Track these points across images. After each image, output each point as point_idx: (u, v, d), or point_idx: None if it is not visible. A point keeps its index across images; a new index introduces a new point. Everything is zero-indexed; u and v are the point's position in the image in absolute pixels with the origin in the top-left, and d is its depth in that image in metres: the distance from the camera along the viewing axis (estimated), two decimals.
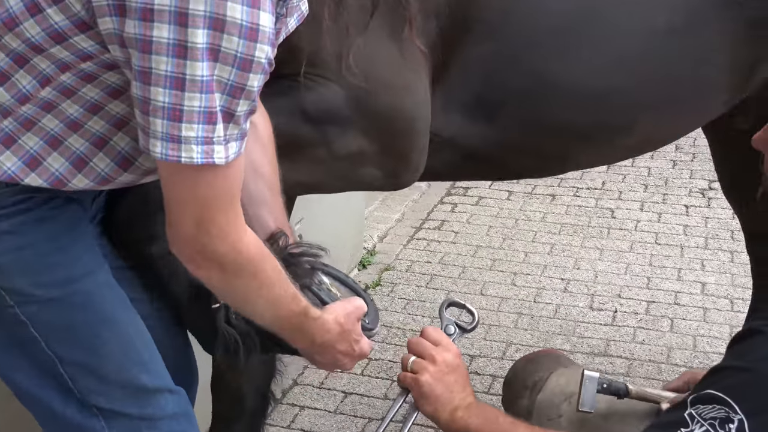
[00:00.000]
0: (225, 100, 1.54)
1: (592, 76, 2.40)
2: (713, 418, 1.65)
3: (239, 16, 1.49)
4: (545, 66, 2.37)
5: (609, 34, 2.41)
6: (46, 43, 1.62)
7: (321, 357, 1.92)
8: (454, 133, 2.39)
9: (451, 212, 4.96)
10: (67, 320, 1.81)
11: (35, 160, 1.73)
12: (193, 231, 1.64)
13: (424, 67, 2.25)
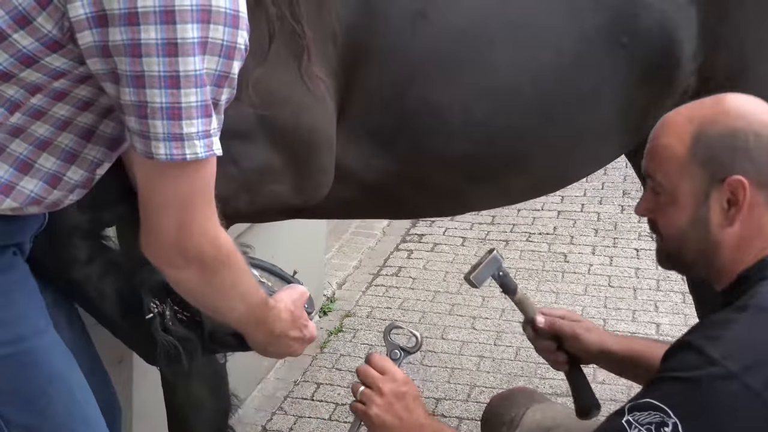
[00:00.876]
0: (212, 91, 1.54)
1: (479, 107, 2.39)
2: (650, 423, 1.70)
3: (223, 4, 1.49)
4: (435, 94, 2.37)
5: (494, 67, 2.42)
6: (15, 69, 1.59)
7: (274, 347, 1.91)
8: (357, 165, 2.40)
9: (408, 259, 4.98)
10: (15, 380, 1.76)
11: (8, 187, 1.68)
12: (175, 234, 1.63)
13: (326, 90, 2.26)
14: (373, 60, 2.31)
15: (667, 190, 1.87)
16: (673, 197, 1.86)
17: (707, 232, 1.84)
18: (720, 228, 1.82)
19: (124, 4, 1.45)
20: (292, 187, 2.31)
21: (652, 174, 1.90)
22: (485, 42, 2.41)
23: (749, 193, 1.77)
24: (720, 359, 1.66)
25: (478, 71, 2.41)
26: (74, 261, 1.92)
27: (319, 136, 2.29)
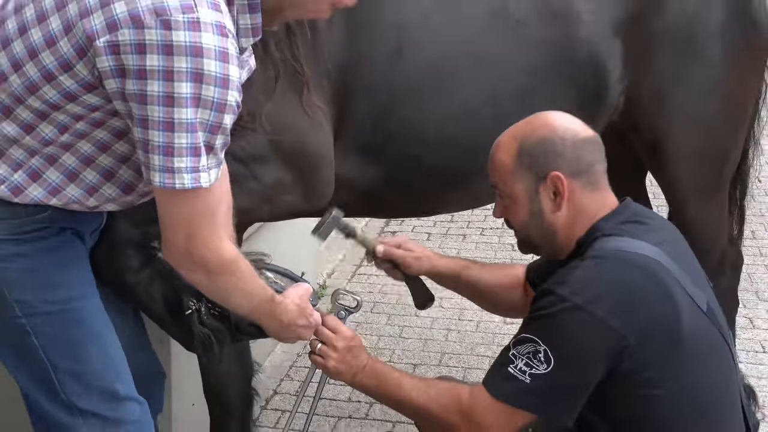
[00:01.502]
0: (206, 136, 1.58)
1: (448, 127, 2.39)
2: (527, 352, 1.80)
3: (214, 69, 1.53)
4: (412, 117, 2.36)
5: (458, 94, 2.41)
6: (62, 102, 1.64)
7: (286, 333, 1.93)
8: (352, 174, 2.40)
9: None
10: (62, 333, 1.81)
11: (56, 189, 1.75)
12: (184, 244, 1.67)
13: (324, 117, 2.27)
14: (360, 91, 2.31)
15: (507, 193, 2.00)
16: (513, 198, 1.99)
17: (543, 219, 1.96)
18: (552, 214, 1.95)
19: (136, 62, 1.53)
20: (301, 197, 2.32)
21: (495, 184, 2.03)
22: (451, 74, 2.40)
23: (567, 183, 1.90)
24: (568, 296, 1.79)
25: (446, 98, 2.39)
26: (128, 268, 1.95)
27: (320, 154, 2.30)
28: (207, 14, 1.53)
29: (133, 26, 1.51)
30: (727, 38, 2.65)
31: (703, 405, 1.85)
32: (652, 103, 2.63)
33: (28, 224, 1.76)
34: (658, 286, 1.80)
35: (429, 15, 2.37)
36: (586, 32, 2.49)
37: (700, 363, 1.83)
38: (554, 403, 1.82)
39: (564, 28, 2.47)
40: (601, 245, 1.87)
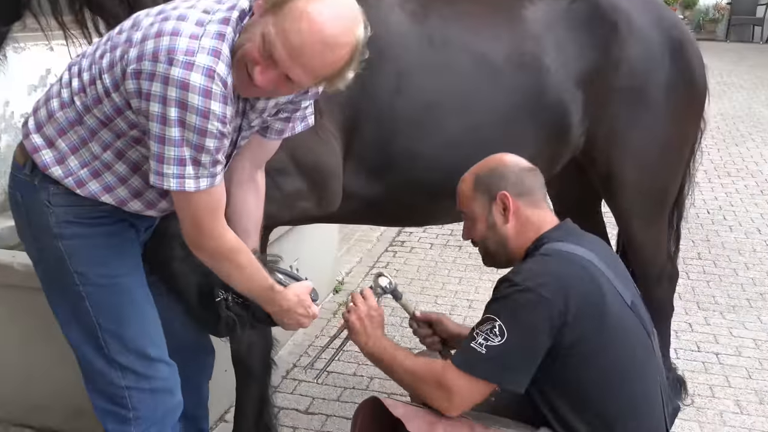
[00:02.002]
0: (191, 153, 1.61)
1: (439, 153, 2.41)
2: (486, 328, 1.86)
3: (196, 103, 1.57)
4: (410, 144, 2.39)
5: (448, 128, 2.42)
6: (114, 115, 1.71)
7: (288, 319, 1.94)
8: (359, 189, 2.42)
9: (393, 257, 4.96)
10: (109, 301, 1.85)
11: (110, 188, 1.80)
12: (192, 231, 1.74)
13: (334, 140, 2.30)
14: (366, 122, 2.34)
15: (469, 215, 2.11)
16: (473, 218, 2.10)
17: (496, 230, 2.05)
18: (503, 225, 2.04)
19: (147, 87, 1.61)
20: (315, 204, 2.35)
21: (461, 210, 2.15)
22: (441, 111, 2.42)
23: (512, 200, 2.03)
24: (521, 282, 1.87)
25: (437, 130, 2.41)
26: (173, 258, 1.98)
27: (330, 170, 2.33)
28: (203, 59, 1.57)
29: (152, 59, 1.59)
30: (671, 93, 2.68)
31: (624, 378, 1.92)
32: (607, 144, 2.66)
33: (92, 212, 1.81)
34: (589, 277, 1.89)
35: (424, 63, 2.39)
36: (553, 82, 2.51)
37: (621, 343, 1.91)
38: (508, 370, 1.85)
39: (535, 77, 2.50)
40: (547, 247, 1.97)
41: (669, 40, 2.68)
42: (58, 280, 1.86)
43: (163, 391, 1.92)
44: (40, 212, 1.81)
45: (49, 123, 1.78)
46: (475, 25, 2.50)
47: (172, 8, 1.69)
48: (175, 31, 1.60)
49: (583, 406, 1.91)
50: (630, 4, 2.64)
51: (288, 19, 1.56)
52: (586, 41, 2.56)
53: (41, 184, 1.80)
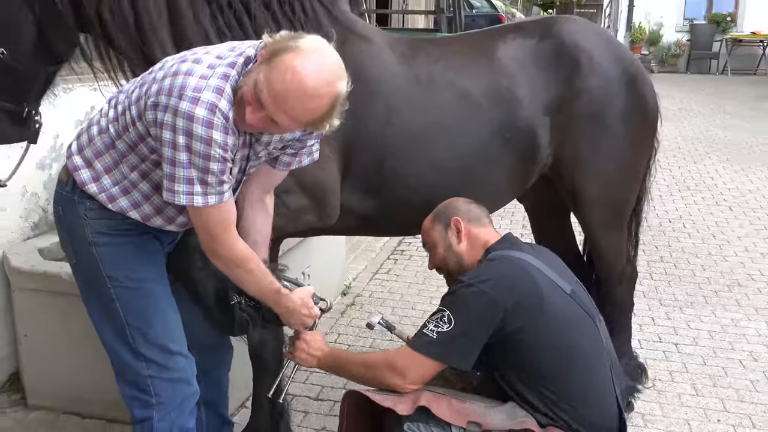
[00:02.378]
0: (198, 174, 1.65)
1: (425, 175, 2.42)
2: (436, 318, 1.94)
3: (199, 132, 1.61)
4: (399, 167, 2.39)
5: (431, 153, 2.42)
6: (138, 141, 1.74)
7: (293, 319, 1.96)
8: (355, 205, 2.43)
9: (395, 264, 4.95)
10: (136, 303, 1.87)
11: (136, 204, 1.83)
12: (207, 241, 1.76)
13: (333, 163, 2.31)
14: (360, 149, 2.35)
15: (431, 244, 2.22)
16: (434, 244, 2.20)
17: (452, 250, 2.15)
18: (458, 245, 2.14)
19: (161, 118, 1.63)
20: (316, 217, 2.35)
21: (425, 243, 2.26)
22: (426, 139, 2.43)
23: (463, 223, 2.15)
24: (467, 280, 1.95)
25: (423, 155, 2.42)
26: (193, 267, 1.98)
27: (329, 188, 2.34)
28: (208, 96, 1.62)
29: (167, 94, 1.63)
30: (627, 119, 2.68)
31: (570, 361, 1.95)
32: (571, 162, 2.67)
33: (121, 224, 1.84)
34: (527, 274, 1.96)
35: (411, 98, 2.40)
36: (525, 113, 2.52)
37: (563, 327, 1.96)
38: (452, 352, 1.92)
39: (509, 109, 2.51)
40: (493, 254, 2.06)
41: (625, 74, 2.69)
42: (93, 283, 1.89)
43: (181, 381, 1.93)
44: (77, 224, 1.85)
45: (89, 146, 1.83)
46: (457, 64, 2.51)
47: (191, 53, 1.75)
48: (188, 72, 1.66)
49: (535, 383, 1.95)
50: (591, 44, 2.65)
51: (276, 70, 1.58)
52: (552, 76, 2.57)
53: (79, 199, 1.84)
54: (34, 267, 2.90)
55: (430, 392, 1.96)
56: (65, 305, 2.79)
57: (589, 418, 1.95)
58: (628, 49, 2.95)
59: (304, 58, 1.58)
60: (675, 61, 16.77)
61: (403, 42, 2.54)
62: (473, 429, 1.90)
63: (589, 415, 1.95)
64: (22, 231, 3.22)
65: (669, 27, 16.82)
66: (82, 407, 2.93)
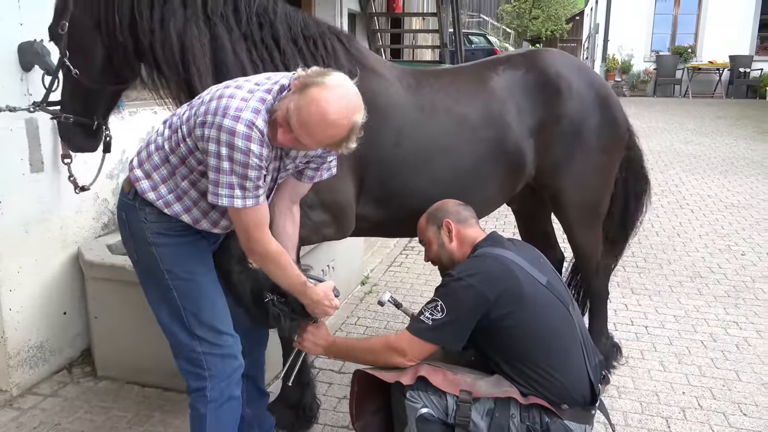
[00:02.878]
0: (238, 180, 1.65)
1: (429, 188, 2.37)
2: (431, 307, 1.92)
3: (240, 144, 1.62)
4: (407, 181, 2.36)
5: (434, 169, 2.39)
6: (188, 154, 1.74)
7: (317, 310, 1.92)
8: (369, 214, 2.39)
9: (406, 258, 4.91)
10: (190, 290, 1.85)
11: (188, 209, 1.82)
12: (244, 239, 1.75)
13: (349, 180, 2.27)
14: (372, 167, 2.32)
15: (426, 241, 2.18)
16: (429, 242, 2.17)
17: (445, 248, 2.12)
18: (449, 244, 2.11)
19: (207, 133, 1.64)
20: (335, 230, 2.33)
21: (421, 240, 2.20)
22: (429, 157, 2.39)
23: (453, 224, 2.12)
24: (456, 274, 1.92)
25: (426, 171, 2.39)
26: (233, 271, 1.96)
27: (346, 204, 2.31)
28: (247, 114, 1.63)
29: (213, 113, 1.64)
30: (600, 133, 2.63)
31: (547, 342, 1.93)
32: (552, 172, 2.62)
33: (176, 227, 1.83)
34: (507, 270, 1.93)
35: (416, 123, 2.37)
36: (513, 134, 2.49)
37: (540, 314, 1.93)
38: (444, 336, 1.91)
39: (500, 131, 2.48)
40: (479, 251, 2.02)
41: (597, 96, 2.65)
42: (152, 276, 1.87)
43: (229, 356, 1.91)
44: (138, 227, 1.84)
45: (147, 161, 1.83)
46: (456, 94, 2.49)
47: (234, 82, 1.75)
48: (231, 95, 1.67)
49: (516, 362, 1.93)
50: (569, 72, 2.61)
51: (305, 100, 1.60)
52: (536, 101, 2.54)
53: (140, 206, 1.83)
54: (103, 260, 2.90)
55: (429, 365, 1.94)
56: (129, 292, 2.79)
57: (564, 389, 1.92)
58: (598, 74, 2.90)
59: (328, 93, 1.60)
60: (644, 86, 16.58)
61: (410, 74, 2.51)
62: (465, 396, 1.89)
63: (563, 387, 1.92)
64: (94, 230, 3.22)
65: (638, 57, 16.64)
66: (142, 378, 2.92)
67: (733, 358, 3.30)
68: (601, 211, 2.85)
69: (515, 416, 1.88)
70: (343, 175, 2.22)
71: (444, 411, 1.89)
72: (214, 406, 1.89)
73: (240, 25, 2.12)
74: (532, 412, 1.89)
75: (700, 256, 4.90)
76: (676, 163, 8.25)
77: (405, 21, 11.41)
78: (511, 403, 1.89)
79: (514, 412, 1.88)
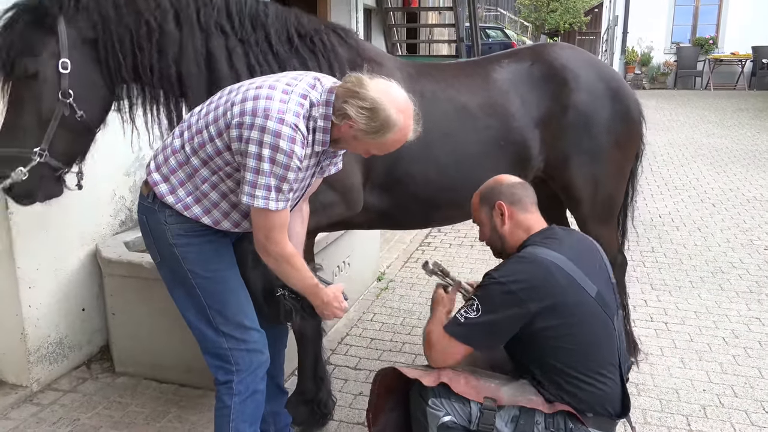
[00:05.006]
0: (276, 182, 1.65)
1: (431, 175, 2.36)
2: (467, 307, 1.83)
3: (284, 146, 1.63)
4: (409, 168, 2.34)
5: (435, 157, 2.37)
6: (214, 155, 1.73)
7: (326, 311, 1.91)
8: (375, 202, 2.38)
9: (422, 254, 4.88)
10: (213, 288, 1.85)
11: (207, 210, 1.81)
12: (263, 240, 1.74)
13: (357, 167, 2.27)
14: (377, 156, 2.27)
15: (479, 222, 2.04)
16: (482, 223, 2.03)
17: (497, 231, 1.98)
18: (501, 227, 1.97)
19: (247, 134, 1.63)
20: (345, 208, 2.30)
21: (474, 219, 2.07)
22: (432, 145, 2.36)
23: (506, 207, 1.96)
24: (497, 277, 1.81)
25: (429, 158, 2.37)
26: (246, 266, 1.96)
27: (353, 185, 2.29)
28: (290, 117, 1.65)
29: (251, 114, 1.64)
30: (611, 126, 2.58)
31: (585, 355, 1.85)
32: (561, 165, 2.58)
33: (195, 227, 1.83)
34: (552, 278, 1.80)
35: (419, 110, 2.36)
36: (517, 125, 2.46)
37: (582, 327, 1.83)
38: (474, 337, 1.83)
39: (503, 122, 2.45)
40: (527, 250, 1.88)
41: (608, 88, 2.60)
42: (176, 277, 1.87)
43: (255, 351, 1.92)
44: (159, 229, 1.83)
45: (164, 165, 1.82)
46: (456, 84, 2.46)
47: (261, 81, 1.76)
48: (269, 96, 1.68)
49: (550, 374, 1.86)
50: (576, 64, 2.57)
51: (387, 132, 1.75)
52: (542, 93, 2.51)
53: (159, 209, 1.83)
54: (120, 257, 2.92)
55: (452, 370, 1.89)
56: (146, 288, 2.81)
57: (594, 401, 1.86)
58: (609, 67, 2.84)
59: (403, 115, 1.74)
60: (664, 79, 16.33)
61: (410, 65, 2.49)
62: (489, 404, 1.82)
63: (594, 398, 1.85)
64: (111, 227, 3.24)
65: (658, 50, 16.39)
66: (159, 374, 2.94)
67: (755, 355, 3.23)
68: (615, 206, 2.79)
69: (540, 423, 1.83)
70: (349, 158, 2.21)
71: (467, 418, 1.84)
72: (240, 399, 1.90)
73: (234, 30, 2.11)
74: (557, 419, 1.84)
75: (721, 250, 4.81)
76: (697, 156, 8.11)
77: (421, 15, 11.35)
78: (536, 411, 1.84)
79: (539, 419, 1.83)
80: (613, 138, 2.60)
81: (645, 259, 4.60)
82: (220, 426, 1.93)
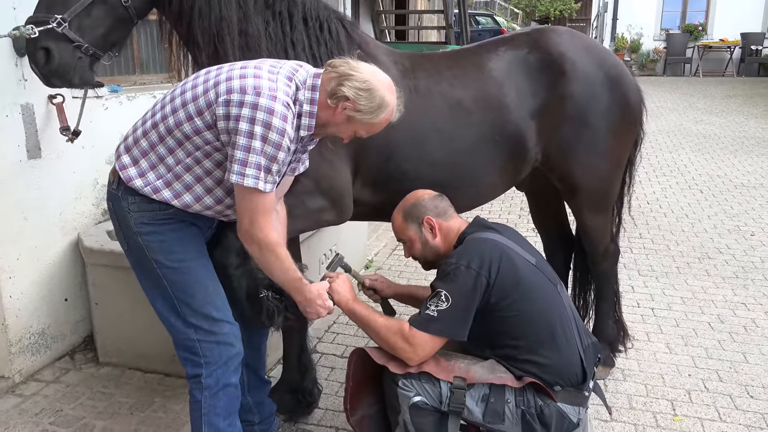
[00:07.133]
0: (266, 162, 1.62)
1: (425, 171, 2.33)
2: (435, 299, 1.84)
3: (277, 124, 1.60)
4: (402, 165, 2.31)
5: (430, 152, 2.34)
6: (192, 134, 1.69)
7: (309, 309, 1.89)
8: (367, 198, 2.36)
9: None
10: (180, 279, 1.82)
11: (178, 194, 1.77)
12: (247, 225, 1.70)
13: (345, 167, 2.23)
14: (368, 150, 2.27)
15: (407, 240, 2.10)
16: (411, 241, 2.09)
17: (429, 245, 2.06)
18: (433, 240, 2.05)
19: (236, 112, 1.58)
20: (334, 216, 2.28)
21: (400, 239, 2.13)
22: (424, 140, 2.34)
23: (435, 221, 2.05)
24: (454, 262, 1.86)
25: (422, 154, 2.34)
26: (230, 265, 1.93)
27: (343, 190, 2.26)
28: (282, 96, 1.63)
29: (239, 92, 1.61)
30: (609, 116, 2.54)
31: (538, 322, 1.90)
32: (559, 156, 2.56)
33: (161, 216, 1.79)
34: (501, 250, 1.89)
35: (411, 106, 2.28)
36: (512, 117, 2.42)
37: (533, 293, 1.90)
38: (452, 326, 1.84)
39: (498, 114, 2.42)
40: (468, 238, 1.97)
41: (607, 77, 2.55)
42: (142, 266, 1.84)
43: (224, 343, 1.88)
44: (123, 216, 1.81)
45: (135, 146, 1.78)
46: (451, 77, 2.42)
47: (243, 63, 1.75)
48: (256, 75, 1.66)
49: (509, 343, 1.91)
50: (575, 52, 2.52)
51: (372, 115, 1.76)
52: (539, 83, 2.46)
53: (123, 195, 1.79)
54: (103, 246, 2.88)
55: None
56: (130, 278, 2.67)
57: (555, 369, 1.90)
58: (610, 53, 2.75)
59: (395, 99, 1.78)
60: (653, 65, 16.37)
61: (406, 58, 2.45)
62: (458, 383, 1.85)
63: (554, 366, 1.90)
64: (93, 216, 3.20)
65: (648, 36, 16.41)
66: (144, 363, 2.92)
67: (740, 339, 3.26)
68: (612, 196, 2.77)
69: (510, 401, 1.86)
70: (339, 160, 2.18)
71: (438, 398, 1.86)
72: (210, 393, 1.87)
73: None
74: (527, 396, 1.87)
75: (708, 236, 4.84)
76: (685, 142, 8.14)
77: (410, 1, 11.27)
78: (506, 388, 1.87)
79: (509, 397, 1.86)
80: (611, 127, 2.56)
81: (632, 245, 4.62)
82: (194, 420, 1.91)
